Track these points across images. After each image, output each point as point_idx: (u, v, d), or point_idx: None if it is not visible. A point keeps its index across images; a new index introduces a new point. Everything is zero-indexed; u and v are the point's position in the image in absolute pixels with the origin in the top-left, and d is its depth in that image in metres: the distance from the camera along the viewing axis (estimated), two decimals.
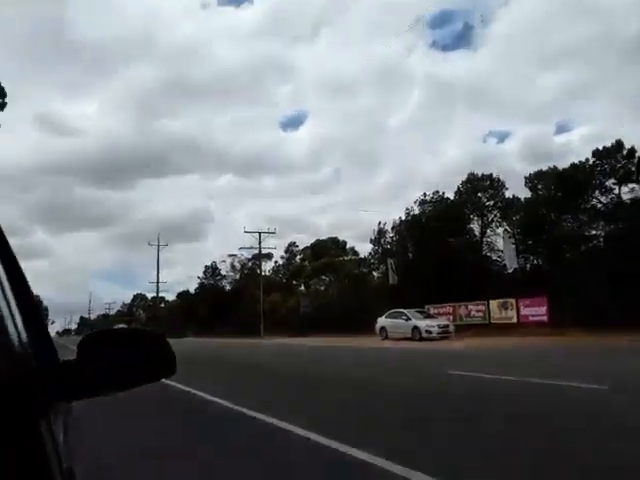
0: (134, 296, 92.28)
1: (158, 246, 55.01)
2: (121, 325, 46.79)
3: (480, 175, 36.76)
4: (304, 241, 73.52)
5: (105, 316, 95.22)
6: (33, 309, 1.03)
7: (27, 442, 0.50)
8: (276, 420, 5.38)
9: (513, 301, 21.61)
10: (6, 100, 23.25)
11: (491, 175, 36.49)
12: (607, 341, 14.59)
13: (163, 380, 1.21)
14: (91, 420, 4.95)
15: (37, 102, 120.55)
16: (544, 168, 33.84)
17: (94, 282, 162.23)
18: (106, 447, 4.47)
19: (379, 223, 40.49)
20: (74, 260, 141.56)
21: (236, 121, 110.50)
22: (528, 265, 30.11)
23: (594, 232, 28.56)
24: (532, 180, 33.91)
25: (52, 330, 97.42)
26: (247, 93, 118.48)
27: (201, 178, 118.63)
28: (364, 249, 57.47)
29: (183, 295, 65.59)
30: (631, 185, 28.90)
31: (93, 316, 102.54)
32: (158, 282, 55.44)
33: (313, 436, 4.64)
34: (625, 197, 28.87)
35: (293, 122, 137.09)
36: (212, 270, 61.64)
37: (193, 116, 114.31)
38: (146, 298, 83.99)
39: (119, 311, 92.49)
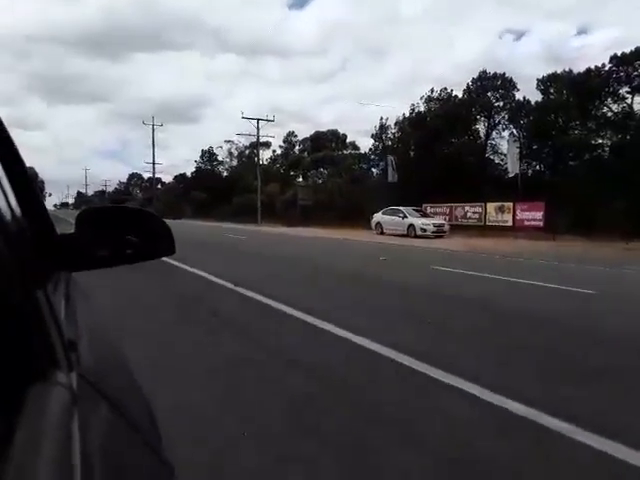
0: (130, 175, 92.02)
1: (153, 126, 53.60)
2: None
3: (492, 74, 35.36)
4: (304, 132, 72.08)
5: (102, 192, 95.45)
6: (27, 181, 0.98)
7: (23, 311, 0.49)
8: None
9: (510, 205, 21.89)
10: None
11: (503, 74, 35.08)
12: (597, 248, 15.12)
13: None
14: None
15: None
16: (559, 71, 32.57)
17: (91, 158, 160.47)
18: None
19: (381, 118, 39.57)
20: (71, 134, 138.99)
21: None
22: (530, 171, 30.06)
23: (600, 141, 28.24)
24: (545, 83, 32.71)
25: (49, 203, 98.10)
26: None
27: (201, 56, 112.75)
28: (365, 144, 56.73)
29: (180, 178, 65.35)
30: None
31: (90, 192, 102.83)
32: (154, 163, 54.89)
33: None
34: (637, 107, 28.16)
35: (301, 1, 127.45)
36: (209, 155, 60.90)
37: None
38: (142, 178, 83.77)
39: (116, 189, 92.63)
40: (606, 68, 29.22)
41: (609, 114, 29.01)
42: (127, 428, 0.69)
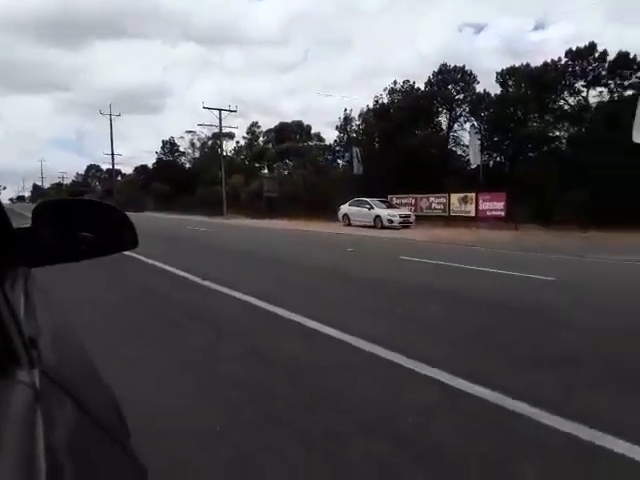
0: (88, 167, 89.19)
1: (110, 116, 52.06)
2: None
3: (452, 67, 35.85)
4: (268, 123, 71.53)
5: (59, 185, 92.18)
6: None
7: None
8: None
9: (473, 195, 22.35)
10: None
11: (463, 67, 35.59)
12: (557, 237, 15.65)
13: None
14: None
15: None
16: (517, 64, 33.30)
17: (47, 150, 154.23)
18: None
19: (346, 110, 39.65)
20: (25, 125, 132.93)
21: None
22: (491, 162, 30.73)
23: (558, 133, 29.12)
24: (504, 76, 33.34)
25: (4, 197, 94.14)
26: None
27: (162, 44, 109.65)
28: (330, 136, 56.75)
29: (140, 169, 63.76)
30: (599, 89, 29.09)
31: (47, 184, 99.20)
32: (113, 154, 53.26)
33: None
34: (592, 100, 29.16)
35: None
36: (170, 146, 59.59)
37: None
38: (101, 170, 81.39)
39: (74, 181, 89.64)
40: (562, 62, 30.11)
41: (566, 107, 29.92)
42: (93, 426, 0.67)
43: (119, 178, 65.73)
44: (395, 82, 36.72)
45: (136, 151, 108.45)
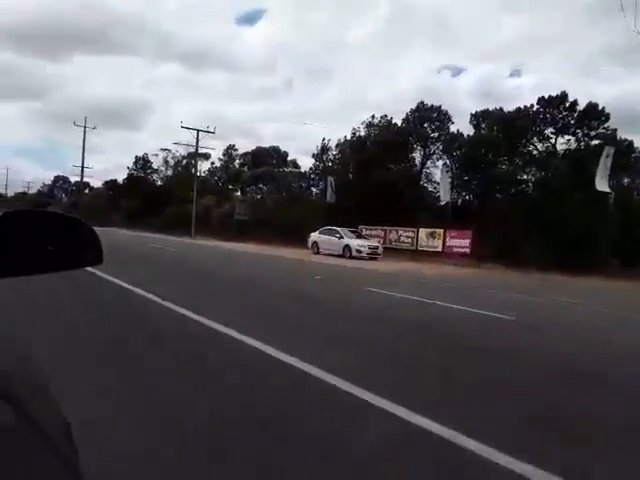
0: (55, 178, 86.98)
1: (85, 127, 51.38)
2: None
3: (429, 106, 36.87)
4: (245, 146, 71.67)
5: (23, 194, 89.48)
6: None
7: None
8: None
9: (441, 231, 22.70)
10: None
11: (440, 107, 36.62)
12: (517, 278, 15.91)
13: None
14: None
15: None
16: (491, 108, 34.47)
17: (13, 157, 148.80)
18: None
19: (323, 139, 40.08)
20: None
21: (189, 4, 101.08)
22: (460, 200, 31.40)
23: (525, 176, 30.05)
24: (477, 118, 34.40)
25: None
26: None
27: (144, 62, 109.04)
28: (305, 163, 57.17)
29: (110, 184, 62.65)
30: (567, 137, 30.27)
31: (10, 193, 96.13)
32: (83, 166, 52.29)
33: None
34: (560, 147, 30.28)
35: (250, 18, 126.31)
36: (143, 162, 58.92)
37: None
38: (69, 182, 79.59)
39: (39, 191, 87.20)
40: (534, 109, 31.29)
41: (534, 152, 30.97)
42: (34, 434, 0.64)
43: (87, 191, 64.39)
44: (373, 116, 37.51)
45: (108, 165, 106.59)
